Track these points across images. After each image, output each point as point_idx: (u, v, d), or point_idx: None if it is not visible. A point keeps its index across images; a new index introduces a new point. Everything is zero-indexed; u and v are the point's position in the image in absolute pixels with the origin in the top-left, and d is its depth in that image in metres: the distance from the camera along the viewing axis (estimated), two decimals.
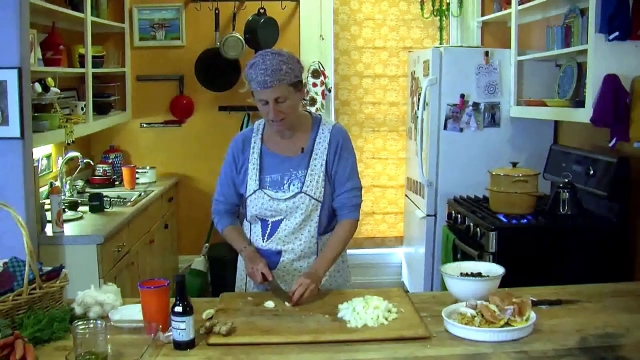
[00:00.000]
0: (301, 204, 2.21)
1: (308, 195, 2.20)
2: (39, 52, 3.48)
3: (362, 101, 5.18)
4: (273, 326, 1.88)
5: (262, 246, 2.28)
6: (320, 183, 2.21)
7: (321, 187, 2.21)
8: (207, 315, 1.97)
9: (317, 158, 2.23)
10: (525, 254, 3.09)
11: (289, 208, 2.21)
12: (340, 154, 2.23)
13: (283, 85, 2.09)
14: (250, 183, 2.25)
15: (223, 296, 2.17)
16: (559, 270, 3.03)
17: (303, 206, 2.21)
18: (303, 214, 2.21)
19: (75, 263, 2.97)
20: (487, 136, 4.00)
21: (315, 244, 2.26)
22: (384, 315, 1.91)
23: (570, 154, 3.56)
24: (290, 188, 2.21)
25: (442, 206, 4.02)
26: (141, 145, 5.05)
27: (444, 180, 4.05)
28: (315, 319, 1.94)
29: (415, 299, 2.12)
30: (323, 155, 2.22)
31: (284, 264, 2.27)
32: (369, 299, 1.99)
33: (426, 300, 2.13)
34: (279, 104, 2.12)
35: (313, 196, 2.20)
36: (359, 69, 5.15)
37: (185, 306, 1.73)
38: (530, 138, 4.01)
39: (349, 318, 1.91)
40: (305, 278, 2.08)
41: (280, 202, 2.21)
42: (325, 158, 2.22)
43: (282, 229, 2.24)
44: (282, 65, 2.08)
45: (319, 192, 2.21)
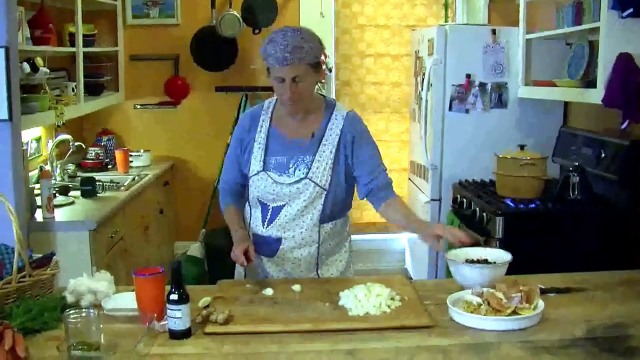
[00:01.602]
0: (305, 190, 2.19)
1: (313, 182, 2.18)
2: (27, 31, 3.45)
3: (364, 82, 5.16)
4: (272, 314, 1.87)
5: (262, 232, 2.28)
6: (327, 171, 2.19)
7: (328, 174, 2.19)
8: (204, 303, 1.96)
9: (327, 144, 2.21)
10: (532, 240, 3.09)
11: (292, 193, 2.20)
12: (361, 141, 2.22)
13: (302, 64, 2.07)
14: (254, 163, 2.24)
15: (220, 284, 2.17)
16: (567, 257, 3.03)
17: (307, 192, 2.19)
18: (306, 200, 2.20)
19: (66, 250, 2.97)
20: (494, 118, 4.00)
21: (317, 233, 2.25)
22: (387, 303, 1.91)
23: (580, 136, 3.54)
24: (296, 173, 2.20)
25: (447, 190, 4.02)
26: (135, 128, 5.04)
27: (449, 164, 4.05)
28: (315, 307, 1.94)
29: (419, 287, 2.12)
30: (334, 142, 2.20)
31: (283, 251, 2.26)
32: (371, 286, 1.99)
33: (430, 288, 2.12)
34: (296, 83, 2.10)
35: (318, 183, 2.19)
36: (360, 48, 5.13)
37: (181, 294, 1.72)
38: (538, 120, 4.00)
39: (350, 306, 1.91)
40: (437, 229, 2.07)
41: (284, 187, 2.20)
42: (335, 146, 2.20)
43: (283, 215, 2.23)
44: (304, 44, 2.06)
45: (325, 180, 2.19)
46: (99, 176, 3.95)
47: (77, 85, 3.92)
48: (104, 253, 3.20)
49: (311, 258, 2.26)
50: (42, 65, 3.44)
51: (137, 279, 1.83)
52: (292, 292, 2.06)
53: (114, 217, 3.39)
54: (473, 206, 3.46)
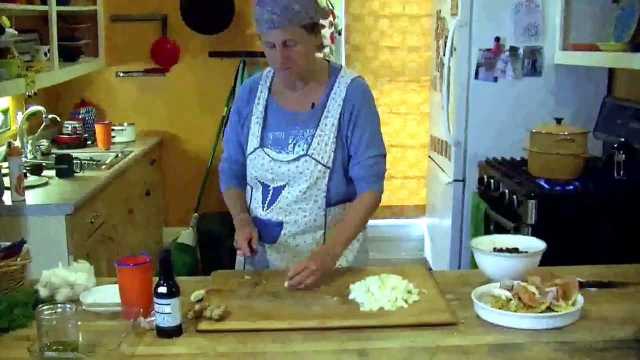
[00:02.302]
0: (306, 169, 2.20)
1: (314, 160, 2.19)
2: None
3: (378, 46, 5.14)
4: (273, 310, 1.87)
5: (262, 215, 2.29)
6: (329, 146, 2.20)
7: (330, 150, 2.20)
8: (197, 297, 1.97)
9: (328, 116, 2.21)
10: (570, 227, 3.08)
11: (292, 172, 2.21)
12: (358, 115, 2.22)
13: (293, 27, 2.08)
14: (252, 139, 2.26)
15: (215, 275, 2.17)
16: (609, 247, 3.02)
17: (308, 172, 2.20)
18: (308, 180, 2.21)
19: (39, 237, 2.98)
20: (527, 87, 3.97)
21: (323, 217, 2.26)
22: (403, 297, 1.91)
23: (627, 108, 3.51)
24: (295, 149, 2.22)
25: (472, 170, 4.02)
26: (117, 98, 5.03)
27: (475, 139, 4.04)
28: (322, 301, 1.93)
29: (439, 278, 2.12)
30: (336, 113, 2.21)
31: (285, 237, 2.27)
32: (385, 278, 1.99)
33: (453, 280, 2.12)
34: (287, 48, 2.10)
35: (320, 161, 2.20)
36: (374, 8, 5.10)
37: (171, 287, 1.73)
38: (578, 89, 3.98)
39: (362, 300, 1.91)
40: (311, 261, 2.03)
41: (283, 165, 2.21)
42: (338, 117, 2.21)
43: (284, 197, 2.25)
44: (294, 4, 2.07)
45: (327, 157, 2.20)
46: (77, 153, 3.95)
47: (51, 50, 3.90)
48: (82, 240, 3.21)
49: (316, 245, 2.26)
50: (9, 26, 3.41)
51: (120, 270, 1.83)
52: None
53: (94, 200, 3.39)
54: (502, 188, 3.46)
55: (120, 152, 4.23)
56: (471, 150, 4.05)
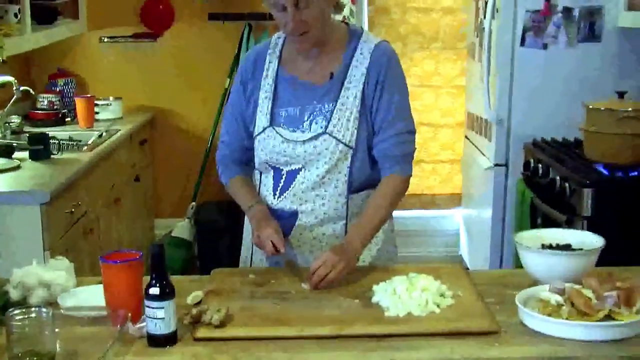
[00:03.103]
0: (324, 149, 2.20)
1: (334, 138, 2.20)
2: None
3: (406, 7, 5.12)
4: (282, 314, 1.87)
5: (273, 204, 2.29)
6: (352, 122, 2.20)
7: (353, 127, 2.21)
8: (194, 299, 1.97)
9: (350, 88, 2.22)
10: (633, 220, 3.08)
11: (309, 154, 2.21)
12: (383, 85, 2.22)
13: None
14: (260, 118, 2.26)
15: (215, 273, 2.18)
16: None
17: (327, 152, 2.20)
18: (327, 163, 2.21)
19: (10, 230, 2.99)
20: (583, 55, 3.96)
21: (344, 205, 2.26)
22: (435, 301, 1.91)
23: None
24: (312, 127, 2.22)
25: (517, 152, 4.01)
26: (101, 68, 5.03)
27: (520, 117, 4.03)
28: (340, 304, 1.93)
29: (477, 279, 2.12)
30: (359, 84, 2.21)
31: (300, 229, 2.27)
32: (414, 278, 1.98)
33: (493, 281, 2.13)
34: (300, 10, 2.10)
35: (341, 139, 2.20)
36: None
37: (164, 287, 1.73)
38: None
39: (387, 304, 1.91)
40: (332, 254, 2.06)
41: (298, 146, 2.22)
42: (361, 88, 2.22)
43: (300, 182, 2.25)
44: None
45: (350, 135, 2.20)
46: (54, 132, 3.95)
47: (22, 10, 3.89)
48: (60, 233, 3.22)
49: (337, 239, 2.26)
50: None
51: (105, 267, 1.83)
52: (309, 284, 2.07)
53: (74, 187, 3.40)
54: (552, 174, 3.45)
55: (105, 131, 4.23)
56: (516, 130, 4.04)
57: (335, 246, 2.14)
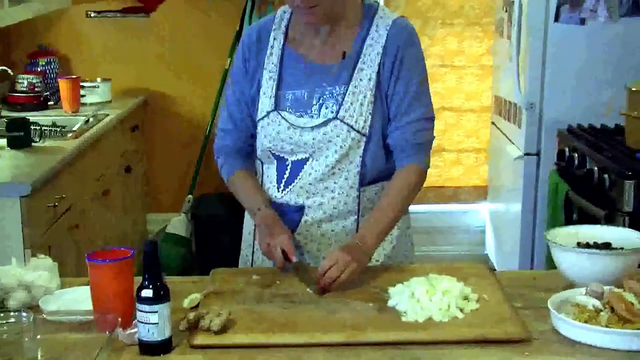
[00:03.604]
0: (335, 136, 2.20)
1: (346, 124, 2.20)
2: None
3: None
4: (289, 319, 1.88)
5: (277, 198, 2.30)
6: (366, 107, 2.21)
7: (367, 112, 2.21)
8: (191, 302, 1.98)
9: (364, 69, 2.22)
10: None
11: (318, 142, 2.21)
12: (400, 66, 2.23)
13: None
14: (264, 101, 2.26)
15: (215, 274, 2.19)
16: None
17: (338, 140, 2.20)
18: (338, 152, 2.21)
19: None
20: (626, 31, 3.94)
21: (356, 199, 2.27)
22: (458, 305, 1.90)
23: None
24: (322, 112, 2.22)
25: (550, 140, 4.01)
26: (88, 46, 5.04)
27: (554, 101, 4.02)
28: (352, 308, 1.94)
29: (505, 281, 2.12)
30: (374, 64, 2.22)
31: (306, 225, 2.28)
32: (435, 279, 1.98)
33: (523, 283, 2.13)
34: None
35: (354, 126, 2.20)
36: None
37: (158, 289, 1.73)
38: None
39: (404, 308, 1.91)
40: (342, 252, 2.06)
41: (305, 132, 2.22)
42: (376, 69, 2.22)
43: (307, 173, 2.25)
44: None
45: (363, 121, 2.21)
46: (35, 117, 3.95)
47: None
48: (42, 230, 3.22)
49: (347, 236, 2.27)
50: None
51: (92, 267, 1.83)
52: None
53: (58, 178, 3.40)
54: (589, 164, 3.44)
55: (92, 116, 4.23)
56: (549, 115, 4.04)
57: (346, 244, 2.14)
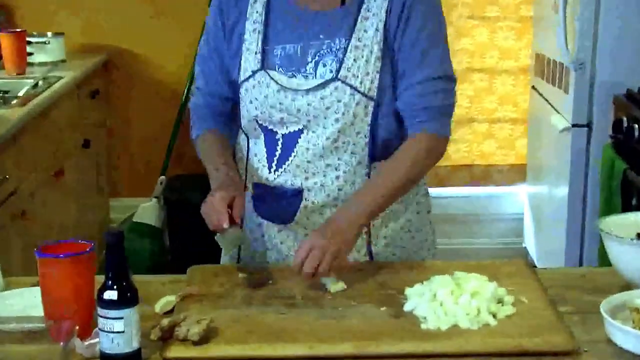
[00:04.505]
0: (335, 101, 2.20)
1: (349, 86, 2.20)
2: None
3: None
4: (286, 326, 1.88)
5: (269, 181, 2.31)
6: (373, 64, 2.21)
7: (374, 71, 2.21)
8: (165, 306, 1.99)
9: (369, 17, 2.22)
10: None
11: (314, 109, 2.22)
12: (410, 13, 2.23)
13: None
14: (247, 58, 2.27)
15: (193, 272, 2.20)
16: None
17: (340, 106, 2.21)
18: (340, 120, 2.21)
19: None
20: None
21: (365, 177, 2.27)
22: (490, 310, 1.91)
23: None
24: (318, 71, 2.22)
25: (604, 108, 4.02)
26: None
27: (608, 60, 4.03)
28: (362, 313, 1.94)
29: (548, 280, 2.13)
30: (380, 11, 2.22)
31: (306, 212, 2.29)
32: (461, 278, 1.99)
33: (570, 283, 2.14)
34: None
35: (359, 88, 2.20)
36: None
37: (124, 290, 1.73)
38: None
39: (424, 313, 1.91)
40: (316, 237, 2.06)
41: (299, 97, 2.23)
42: (384, 18, 2.22)
43: (303, 149, 2.26)
44: None
45: (370, 82, 2.21)
46: None
47: None
48: None
49: None
50: None
51: (44, 263, 1.84)
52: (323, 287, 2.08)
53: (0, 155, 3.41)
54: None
55: (42, 78, 4.24)
56: (602, 77, 4.04)
57: (320, 225, 2.15)
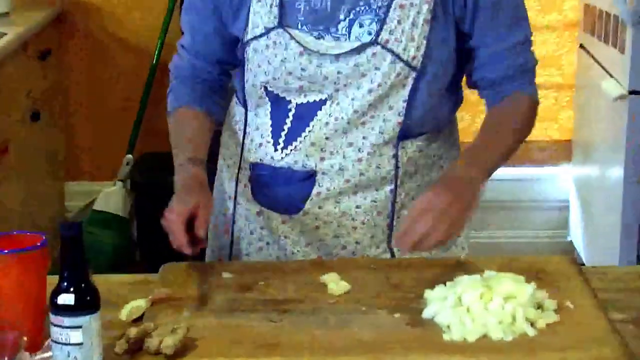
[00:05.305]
0: (373, 68, 2.23)
1: (390, 52, 2.22)
2: None
3: None
4: (280, 336, 1.89)
5: (275, 160, 2.33)
6: (420, 28, 2.23)
7: (422, 37, 2.23)
8: (133, 313, 2.00)
9: None
10: None
11: (345, 77, 2.24)
12: None
13: None
14: (258, 12, 2.27)
15: (167, 270, 2.22)
16: None
17: (377, 75, 2.23)
18: (374, 92, 2.23)
19: None
20: None
21: (393, 160, 2.30)
22: (528, 317, 1.92)
23: None
24: (353, 31, 2.24)
25: None
26: None
27: None
28: (372, 320, 1.96)
29: (600, 281, 2.16)
30: None
31: (319, 200, 2.32)
32: (493, 279, 2.01)
33: (626, 285, 2.17)
34: None
35: (402, 55, 2.22)
36: None
37: (83, 293, 1.73)
38: None
39: (447, 320, 1.93)
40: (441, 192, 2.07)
41: (327, 62, 2.25)
42: None
43: (322, 123, 2.28)
44: None
45: (415, 48, 2.24)
46: None
47: None
48: None
49: (379, 215, 2.31)
50: None
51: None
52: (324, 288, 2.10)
53: None
54: None
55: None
56: None
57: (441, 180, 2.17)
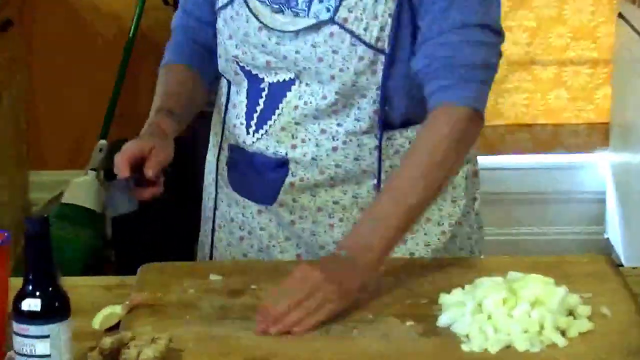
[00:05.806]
0: (331, 51, 2.28)
1: (349, 33, 2.26)
2: None
3: None
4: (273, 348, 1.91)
5: (247, 144, 2.37)
6: (383, 6, 2.26)
7: (386, 15, 2.27)
8: (107, 321, 2.01)
9: None
10: None
11: (304, 59, 2.29)
12: None
13: None
14: None
15: (146, 272, 2.25)
16: None
17: (336, 59, 2.28)
18: (337, 78, 2.27)
19: None
20: None
21: (375, 152, 2.33)
22: (559, 325, 1.94)
23: None
24: (312, 7, 2.29)
25: None
26: None
27: None
28: (381, 330, 1.99)
29: (638, 284, 2.19)
30: None
31: (292, 191, 2.37)
32: (518, 281, 2.03)
33: None
34: None
35: (362, 37, 2.26)
36: None
37: (51, 298, 1.75)
38: None
39: (465, 329, 1.96)
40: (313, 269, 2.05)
41: (286, 40, 2.31)
42: None
43: (291, 106, 2.32)
44: None
45: (379, 29, 2.27)
46: None
47: None
48: None
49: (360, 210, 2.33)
50: None
51: None
52: None
53: None
54: None
55: None
56: None
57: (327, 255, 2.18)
